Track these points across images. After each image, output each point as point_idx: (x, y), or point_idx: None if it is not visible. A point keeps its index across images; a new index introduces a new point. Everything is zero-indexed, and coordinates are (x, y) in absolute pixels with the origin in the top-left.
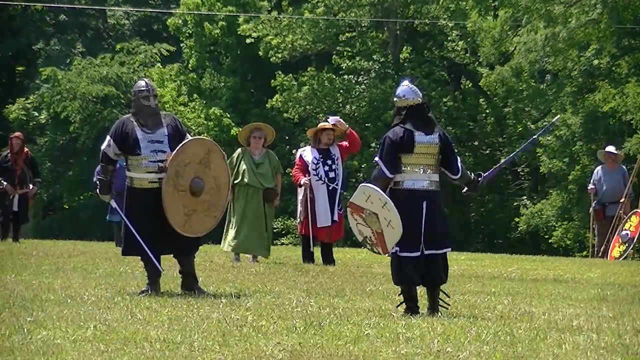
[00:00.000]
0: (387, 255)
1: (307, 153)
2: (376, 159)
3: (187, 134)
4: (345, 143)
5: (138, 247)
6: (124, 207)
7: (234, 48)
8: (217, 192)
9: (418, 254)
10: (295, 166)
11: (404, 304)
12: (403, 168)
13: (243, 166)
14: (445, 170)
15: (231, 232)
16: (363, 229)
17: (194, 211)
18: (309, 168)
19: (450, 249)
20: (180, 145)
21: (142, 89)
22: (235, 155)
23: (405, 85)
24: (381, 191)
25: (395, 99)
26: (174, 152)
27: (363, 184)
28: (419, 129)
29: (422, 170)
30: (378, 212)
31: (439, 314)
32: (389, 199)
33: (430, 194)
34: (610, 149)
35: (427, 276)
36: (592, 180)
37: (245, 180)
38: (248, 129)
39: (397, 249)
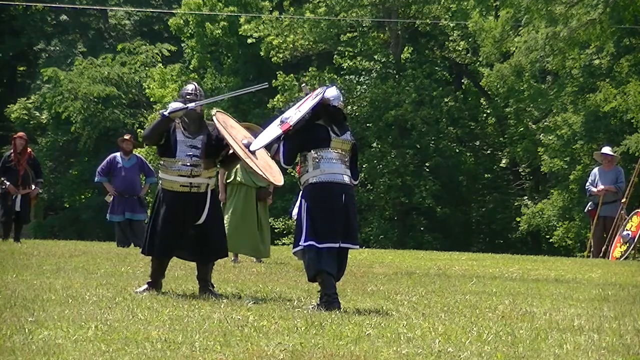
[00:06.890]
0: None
1: None
2: (281, 144)
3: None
4: None
5: (160, 248)
6: (153, 207)
7: (236, 48)
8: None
9: (337, 245)
10: None
11: (324, 297)
12: (319, 162)
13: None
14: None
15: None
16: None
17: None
18: None
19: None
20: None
21: (190, 92)
22: None
23: (336, 91)
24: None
25: (331, 100)
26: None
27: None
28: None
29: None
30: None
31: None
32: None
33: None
34: (606, 150)
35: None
36: (588, 182)
37: (239, 179)
38: None
39: (313, 242)
